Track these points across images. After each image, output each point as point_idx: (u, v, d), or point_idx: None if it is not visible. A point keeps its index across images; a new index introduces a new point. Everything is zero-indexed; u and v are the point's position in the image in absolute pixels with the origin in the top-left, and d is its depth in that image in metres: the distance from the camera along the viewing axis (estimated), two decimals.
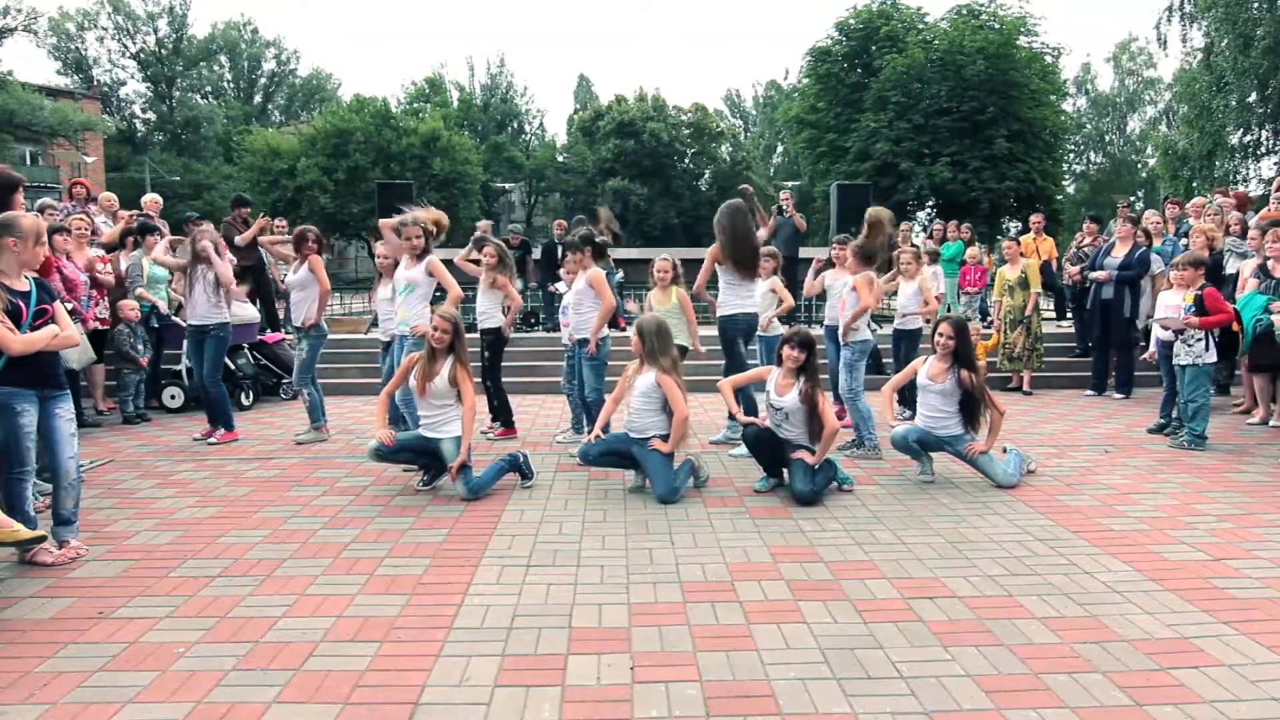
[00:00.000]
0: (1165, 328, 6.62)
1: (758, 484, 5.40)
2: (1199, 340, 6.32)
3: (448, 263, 6.60)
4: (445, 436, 5.22)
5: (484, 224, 13.10)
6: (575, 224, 12.36)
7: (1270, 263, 6.98)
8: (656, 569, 3.93)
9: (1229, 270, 8.15)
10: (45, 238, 4.25)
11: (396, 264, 6.50)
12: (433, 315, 5.43)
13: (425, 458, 5.37)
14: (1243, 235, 8.55)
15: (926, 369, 5.60)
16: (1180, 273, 6.51)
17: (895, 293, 7.90)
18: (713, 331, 6.97)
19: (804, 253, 12.81)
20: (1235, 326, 6.79)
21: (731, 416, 6.45)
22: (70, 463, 4.12)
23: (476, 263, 7.18)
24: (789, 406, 5.23)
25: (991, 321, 10.05)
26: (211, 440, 6.81)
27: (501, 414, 7.21)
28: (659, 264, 6.85)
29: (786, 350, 5.28)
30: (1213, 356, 6.37)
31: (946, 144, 29.82)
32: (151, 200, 10.20)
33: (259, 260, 10.76)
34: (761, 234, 8.21)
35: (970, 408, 5.44)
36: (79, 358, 6.53)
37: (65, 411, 4.13)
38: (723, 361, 6.91)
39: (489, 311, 6.97)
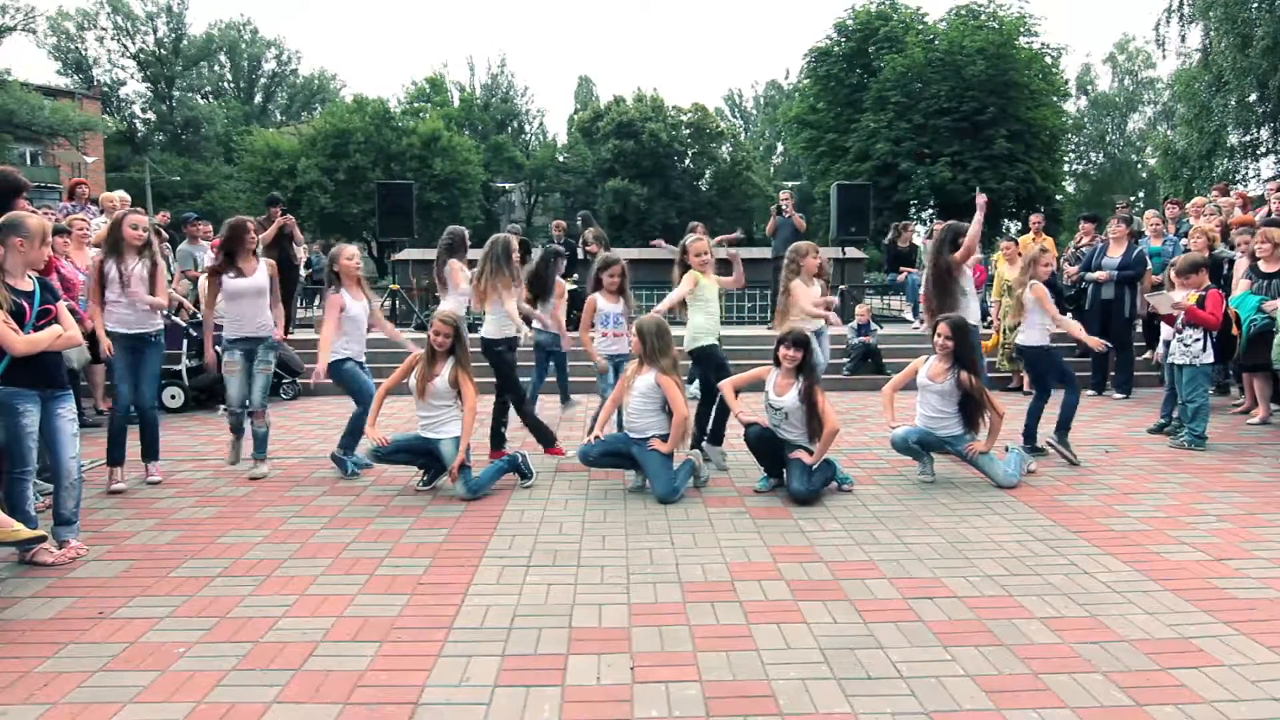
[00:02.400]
0: (1155, 310, 6.67)
1: (758, 484, 5.40)
2: (1196, 340, 6.32)
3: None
4: (444, 437, 5.22)
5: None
6: (583, 220, 12.41)
7: (1260, 262, 6.98)
8: (656, 569, 3.93)
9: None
10: (50, 238, 4.26)
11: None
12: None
13: (424, 458, 5.38)
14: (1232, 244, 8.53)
15: (927, 369, 5.60)
16: (1183, 280, 6.53)
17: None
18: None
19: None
20: (1235, 330, 6.79)
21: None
22: (71, 463, 4.13)
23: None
24: (788, 406, 5.22)
25: (991, 321, 10.04)
26: (154, 479, 5.57)
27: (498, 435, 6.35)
28: (695, 245, 5.86)
29: (783, 350, 5.26)
30: (1210, 357, 6.36)
31: (946, 144, 29.87)
32: (111, 197, 9.96)
33: (285, 258, 10.62)
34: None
35: (969, 409, 5.44)
36: (78, 356, 6.52)
37: (67, 411, 4.14)
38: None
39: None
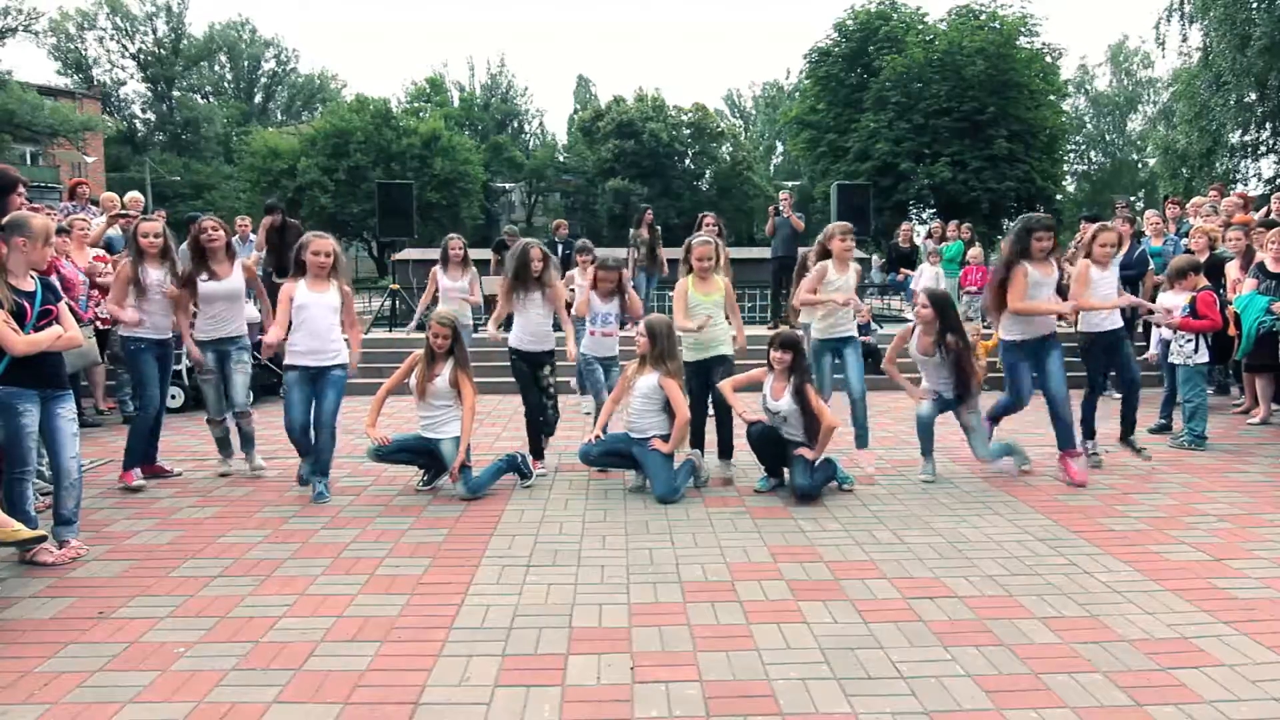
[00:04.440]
0: (1150, 316, 6.73)
1: (758, 484, 5.40)
2: (1189, 341, 6.37)
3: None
4: (444, 437, 5.22)
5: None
6: (643, 213, 12.06)
7: (1269, 262, 6.96)
8: (656, 569, 3.93)
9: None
10: (53, 238, 4.27)
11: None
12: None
13: (424, 458, 5.38)
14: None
15: (914, 342, 5.58)
16: (1174, 284, 6.57)
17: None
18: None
19: (803, 253, 12.78)
20: (1232, 331, 6.79)
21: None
22: (72, 463, 4.13)
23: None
24: (785, 409, 5.21)
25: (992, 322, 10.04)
26: (140, 483, 5.40)
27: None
28: (699, 249, 5.61)
29: (773, 353, 5.23)
30: (1203, 357, 6.40)
31: (946, 144, 29.85)
32: (113, 197, 9.97)
33: (283, 263, 10.67)
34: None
35: (961, 372, 5.40)
36: (72, 360, 6.49)
37: (67, 411, 4.14)
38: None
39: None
